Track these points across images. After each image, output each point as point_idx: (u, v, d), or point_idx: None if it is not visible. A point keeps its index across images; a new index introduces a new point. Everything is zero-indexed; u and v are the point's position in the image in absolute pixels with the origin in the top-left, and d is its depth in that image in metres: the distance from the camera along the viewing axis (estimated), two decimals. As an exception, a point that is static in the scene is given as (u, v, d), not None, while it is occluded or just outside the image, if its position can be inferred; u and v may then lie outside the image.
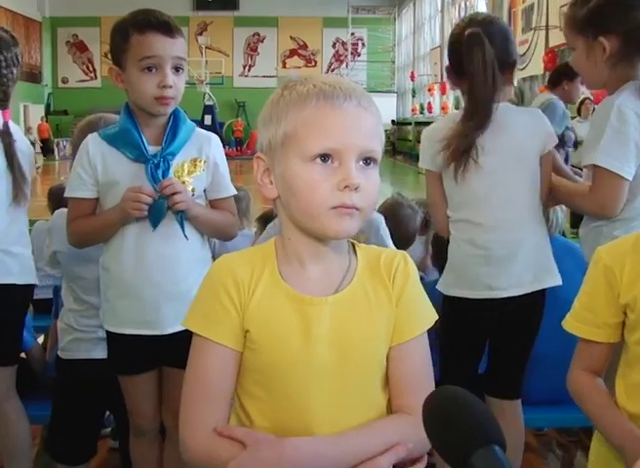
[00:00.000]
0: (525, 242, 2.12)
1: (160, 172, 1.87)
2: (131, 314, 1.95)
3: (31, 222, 3.30)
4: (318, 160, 1.02)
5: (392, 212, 2.82)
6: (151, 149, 1.90)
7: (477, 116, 2.05)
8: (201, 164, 1.93)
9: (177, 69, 1.88)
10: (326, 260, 1.10)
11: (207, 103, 25.22)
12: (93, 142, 1.94)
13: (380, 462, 1.02)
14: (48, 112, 28.84)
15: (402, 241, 2.72)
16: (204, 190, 1.98)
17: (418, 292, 1.14)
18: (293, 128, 1.03)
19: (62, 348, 2.28)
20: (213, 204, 2.01)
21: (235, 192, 2.05)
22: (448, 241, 2.20)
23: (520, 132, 2.10)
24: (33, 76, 28.10)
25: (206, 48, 28.97)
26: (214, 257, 2.10)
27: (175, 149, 1.90)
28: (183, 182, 1.90)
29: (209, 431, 1.06)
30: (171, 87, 1.85)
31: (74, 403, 2.26)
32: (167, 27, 1.86)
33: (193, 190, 1.92)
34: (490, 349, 2.26)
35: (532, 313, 2.17)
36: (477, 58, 2.02)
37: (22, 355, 2.62)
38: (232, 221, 2.04)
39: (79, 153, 1.96)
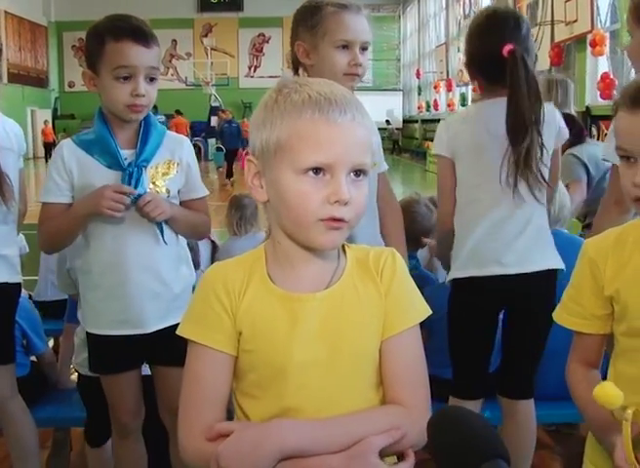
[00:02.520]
0: (531, 221, 2.14)
1: (134, 180, 1.88)
2: (114, 315, 1.96)
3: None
4: (310, 173, 1.04)
5: (407, 207, 2.83)
6: (125, 153, 1.92)
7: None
8: (174, 166, 1.96)
9: (151, 79, 1.88)
10: (315, 262, 1.12)
11: (213, 105, 25.26)
12: (67, 148, 1.94)
13: (373, 441, 1.04)
14: (55, 116, 28.97)
15: (414, 237, 2.71)
16: (178, 191, 2.00)
17: (407, 286, 1.16)
18: (286, 138, 1.04)
19: (79, 364, 2.31)
20: (186, 204, 2.03)
21: (207, 193, 2.07)
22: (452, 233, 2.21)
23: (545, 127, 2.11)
24: (40, 81, 28.26)
25: (211, 49, 29.09)
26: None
27: (148, 156, 1.92)
28: (157, 185, 1.93)
29: (204, 432, 1.09)
30: (143, 96, 1.86)
31: (105, 407, 2.28)
32: (143, 36, 1.85)
33: (168, 192, 1.95)
34: (502, 346, 2.25)
35: (541, 296, 2.13)
36: (522, 77, 2.02)
37: (33, 358, 2.65)
38: (205, 221, 2.08)
39: (53, 158, 1.97)
